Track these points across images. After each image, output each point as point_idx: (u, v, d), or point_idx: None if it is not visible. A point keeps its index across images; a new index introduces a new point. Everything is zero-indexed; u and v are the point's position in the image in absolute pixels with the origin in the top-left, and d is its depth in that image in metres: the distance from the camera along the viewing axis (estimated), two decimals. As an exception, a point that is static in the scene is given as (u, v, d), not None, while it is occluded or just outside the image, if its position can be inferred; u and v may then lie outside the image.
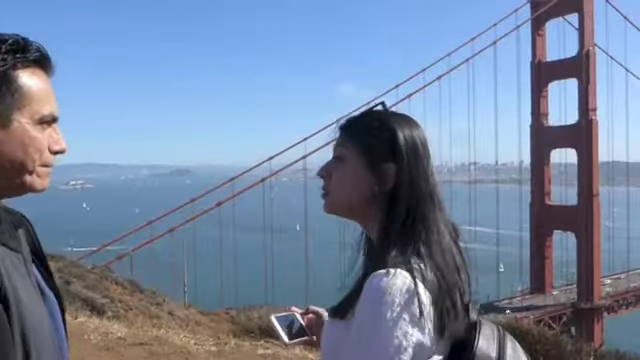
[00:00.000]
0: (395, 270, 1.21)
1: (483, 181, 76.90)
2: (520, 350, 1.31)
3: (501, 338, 1.29)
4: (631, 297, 50.51)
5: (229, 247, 42.23)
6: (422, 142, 1.35)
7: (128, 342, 5.93)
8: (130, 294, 16.67)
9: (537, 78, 51.76)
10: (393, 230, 1.28)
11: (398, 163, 1.31)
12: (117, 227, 56.28)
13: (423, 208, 1.30)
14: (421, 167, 1.33)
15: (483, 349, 1.24)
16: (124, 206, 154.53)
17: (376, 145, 1.34)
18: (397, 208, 1.30)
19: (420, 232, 1.28)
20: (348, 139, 1.38)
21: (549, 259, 51.61)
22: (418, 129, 1.37)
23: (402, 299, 1.18)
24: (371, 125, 1.37)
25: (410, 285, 1.19)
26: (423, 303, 1.19)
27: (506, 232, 54.04)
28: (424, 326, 1.19)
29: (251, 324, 8.65)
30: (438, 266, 1.25)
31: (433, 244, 1.27)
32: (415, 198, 1.30)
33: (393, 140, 1.33)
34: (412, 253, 1.25)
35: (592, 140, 49.57)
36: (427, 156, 1.35)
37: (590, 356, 6.13)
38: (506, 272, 56.33)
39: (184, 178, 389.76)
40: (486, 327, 1.30)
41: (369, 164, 1.33)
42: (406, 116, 1.41)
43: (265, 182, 44.69)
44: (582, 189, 50.06)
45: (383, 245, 1.28)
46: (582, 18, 49.74)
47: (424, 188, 1.31)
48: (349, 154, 1.36)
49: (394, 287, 1.18)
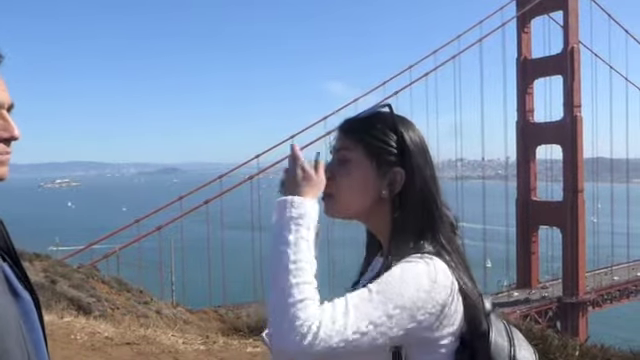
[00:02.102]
0: (429, 256, 1.25)
1: (470, 177, 77.48)
2: (524, 340, 1.34)
3: (508, 328, 1.33)
4: (615, 292, 51.13)
5: (217, 245, 42.12)
6: (425, 144, 1.37)
7: (115, 342, 5.88)
8: (117, 293, 16.57)
9: (523, 75, 52.12)
10: (408, 231, 1.30)
11: (407, 166, 1.32)
12: (104, 226, 55.89)
13: (433, 208, 1.33)
14: (429, 169, 1.34)
15: (497, 338, 1.28)
16: (111, 205, 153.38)
17: (384, 148, 1.32)
18: (409, 211, 1.31)
19: (433, 230, 1.31)
20: (352, 141, 1.35)
21: (535, 254, 52.08)
22: (419, 131, 1.39)
23: (440, 276, 1.22)
24: (377, 127, 1.34)
25: (444, 267, 1.25)
26: (455, 288, 1.25)
27: (493, 228, 54.40)
28: (455, 307, 1.24)
29: (240, 322, 8.62)
30: (455, 260, 1.30)
31: (446, 241, 1.31)
32: (426, 199, 1.32)
33: (401, 143, 1.33)
34: (434, 248, 1.28)
35: (577, 136, 50.05)
36: (431, 158, 1.37)
37: (576, 350, 6.18)
38: (493, 267, 56.74)
39: (171, 176, 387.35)
40: (496, 319, 1.33)
41: (378, 168, 1.32)
42: (406, 118, 1.41)
43: (253, 180, 44.62)
44: (567, 185, 50.56)
45: (400, 244, 1.29)
46: (567, 16, 50.16)
47: (434, 189, 1.34)
48: (355, 157, 1.33)
49: (427, 271, 1.22)
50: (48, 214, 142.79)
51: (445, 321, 1.23)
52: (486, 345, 1.25)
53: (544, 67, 51.59)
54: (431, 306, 1.20)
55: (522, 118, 52.48)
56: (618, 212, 54.46)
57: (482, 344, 1.26)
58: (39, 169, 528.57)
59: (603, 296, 50.36)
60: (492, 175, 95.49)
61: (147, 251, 39.59)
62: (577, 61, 50.41)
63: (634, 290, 52.01)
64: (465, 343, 1.27)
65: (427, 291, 1.20)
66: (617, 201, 54.17)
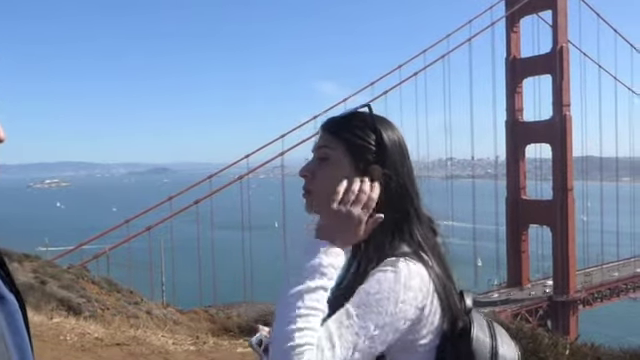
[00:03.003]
0: (404, 259, 1.27)
1: (459, 176, 77.83)
2: (508, 337, 1.37)
3: (490, 324, 1.36)
4: (605, 290, 51.49)
5: (207, 245, 42.01)
6: (404, 144, 1.41)
7: (105, 342, 5.83)
8: (107, 294, 16.47)
9: (512, 74, 52.33)
10: (384, 229, 1.32)
11: (385, 164, 1.34)
12: (93, 226, 55.57)
13: (410, 206, 1.35)
14: (406, 168, 1.37)
15: (479, 334, 1.30)
16: (100, 205, 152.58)
17: (363, 146, 1.35)
18: (385, 209, 1.32)
19: (411, 229, 1.34)
20: (332, 140, 1.38)
21: (525, 253, 52.32)
22: (398, 131, 1.42)
23: (415, 281, 1.24)
24: (357, 126, 1.37)
25: (422, 270, 1.27)
26: (430, 288, 1.27)
27: (483, 227, 54.67)
28: (428, 310, 1.26)
29: (230, 322, 8.59)
30: (433, 259, 1.33)
31: (424, 240, 1.34)
32: (403, 198, 1.35)
33: (379, 142, 1.35)
34: (406, 246, 1.31)
35: (566, 135, 50.35)
36: (409, 157, 1.40)
37: (566, 349, 6.21)
38: (484, 266, 57.02)
39: (162, 176, 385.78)
40: (477, 315, 1.36)
41: (356, 165, 1.35)
42: (386, 118, 1.43)
43: (243, 179, 44.53)
44: (557, 184, 50.84)
45: (374, 241, 1.31)
46: (556, 15, 50.44)
47: (411, 188, 1.37)
48: (335, 155, 1.37)
49: (403, 274, 1.24)
50: (37, 214, 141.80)
51: (424, 322, 1.27)
52: (467, 341, 1.28)
53: (533, 66, 51.85)
54: (411, 313, 1.24)
55: (511, 117, 52.70)
56: (608, 210, 54.86)
57: (463, 340, 1.28)
58: (28, 169, 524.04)
59: (593, 294, 50.71)
60: (482, 174, 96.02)
61: (137, 251, 39.40)
62: (566, 60, 50.70)
63: (624, 288, 52.43)
64: (447, 340, 1.30)
65: (405, 300, 1.22)
66: (607, 199, 54.56)
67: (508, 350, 1.31)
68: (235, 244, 44.27)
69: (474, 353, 1.27)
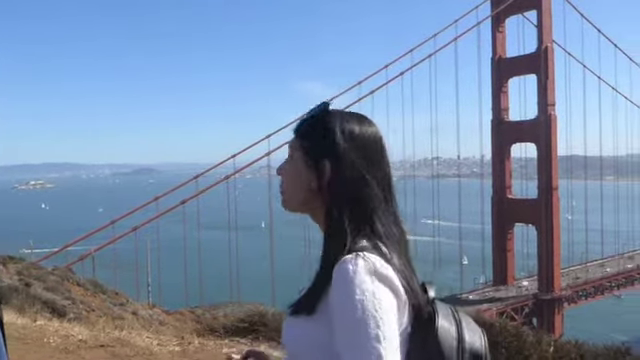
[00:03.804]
0: (362, 254, 1.29)
1: (446, 175, 78.13)
2: (473, 323, 1.41)
3: (455, 313, 1.40)
4: (590, 288, 51.96)
5: (194, 245, 41.79)
6: (367, 138, 1.42)
7: (89, 344, 5.78)
8: (92, 295, 16.30)
9: (497, 74, 52.65)
10: (341, 224, 1.35)
11: (334, 159, 1.38)
12: (79, 227, 55.05)
13: (368, 201, 1.37)
14: (361, 162, 1.38)
15: (444, 323, 1.34)
16: (86, 206, 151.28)
17: (313, 143, 1.43)
18: (339, 203, 1.37)
19: (371, 223, 1.36)
20: (295, 139, 1.48)
21: (511, 252, 52.66)
22: (365, 126, 1.44)
23: (376, 279, 1.26)
24: (311, 125, 1.46)
25: (381, 265, 1.29)
26: (395, 281, 1.29)
27: (469, 225, 54.91)
28: (400, 301, 1.30)
29: (215, 323, 8.55)
30: (394, 253, 1.35)
31: (385, 234, 1.36)
32: (359, 192, 1.37)
33: (329, 138, 1.41)
34: (366, 240, 1.33)
35: (551, 135, 50.74)
36: (373, 151, 1.41)
37: (550, 346, 6.26)
38: (470, 265, 57.31)
39: (147, 177, 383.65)
40: (441, 305, 1.40)
41: (307, 162, 1.43)
42: (356, 114, 1.47)
43: (229, 179, 44.35)
44: (542, 183, 51.22)
45: (333, 237, 1.35)
46: (541, 15, 50.82)
47: (372, 182, 1.38)
48: (295, 154, 1.46)
49: (365, 269, 1.26)
50: (22, 216, 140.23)
51: (399, 309, 1.30)
52: (433, 329, 1.31)
53: (518, 66, 52.21)
54: (394, 305, 1.28)
55: (497, 117, 53.02)
56: (592, 209, 55.38)
57: (429, 329, 1.32)
58: (12, 171, 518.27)
59: (578, 292, 51.15)
60: (468, 173, 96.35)
61: (123, 252, 39.10)
62: (551, 60, 51.10)
63: (609, 286, 52.95)
64: (413, 330, 1.33)
65: (380, 299, 1.25)
66: (591, 198, 55.08)
67: (474, 337, 1.35)
68: (222, 244, 44.07)
69: (440, 342, 1.30)
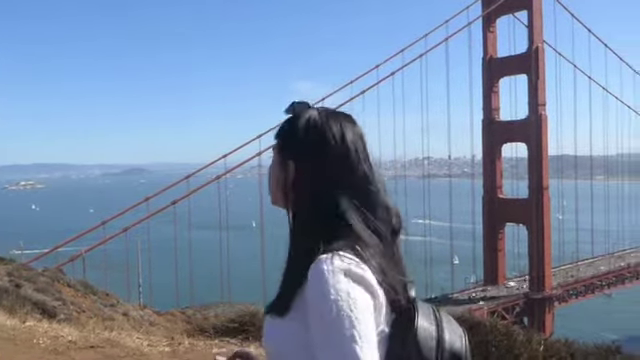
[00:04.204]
0: (338, 253, 1.29)
1: (436, 175, 78.23)
2: (455, 323, 1.40)
3: (436, 313, 1.40)
4: (580, 287, 52.26)
5: (184, 246, 41.64)
6: (340, 137, 1.41)
7: (79, 345, 5.74)
8: (83, 296, 16.20)
9: (488, 74, 52.81)
10: (307, 222, 1.37)
11: (299, 159, 1.41)
12: (70, 228, 54.73)
13: (345, 199, 1.37)
14: (328, 161, 1.39)
15: (424, 322, 1.34)
16: (76, 207, 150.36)
17: (283, 144, 1.48)
18: (299, 201, 1.40)
19: (347, 223, 1.35)
20: (275, 140, 1.54)
21: (502, 251, 52.86)
22: (340, 124, 1.44)
23: (351, 279, 1.26)
24: (285, 124, 1.51)
25: (356, 265, 1.28)
26: (371, 281, 1.28)
27: (460, 225, 55.07)
28: (377, 301, 1.29)
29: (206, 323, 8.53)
30: (373, 252, 1.34)
31: (363, 233, 1.35)
32: (327, 192, 1.38)
33: (295, 137, 1.45)
34: (342, 240, 1.32)
35: (542, 134, 50.96)
36: (347, 149, 1.41)
37: (540, 345, 6.29)
38: (461, 264, 57.47)
39: (138, 177, 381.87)
40: (422, 304, 1.40)
41: (278, 162, 1.48)
42: (334, 113, 1.48)
43: (220, 179, 44.20)
44: (532, 182, 51.44)
45: (301, 236, 1.37)
46: (531, 15, 51.02)
47: (330, 182, 1.38)
48: (275, 155, 1.52)
49: (341, 269, 1.26)
50: (12, 217, 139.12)
51: (375, 308, 1.29)
52: (412, 330, 1.31)
53: (509, 66, 52.39)
54: (370, 305, 1.27)
55: (488, 116, 53.19)
56: (582, 209, 55.68)
57: (408, 329, 1.31)
58: (2, 171, 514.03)
59: (569, 291, 51.42)
60: (459, 173, 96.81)
61: (114, 253, 38.90)
62: (541, 60, 51.31)
63: (599, 285, 53.27)
64: (394, 329, 1.33)
65: (355, 299, 1.24)
66: (581, 198, 55.39)
67: (453, 336, 1.35)
68: (213, 244, 43.93)
69: (419, 342, 1.30)
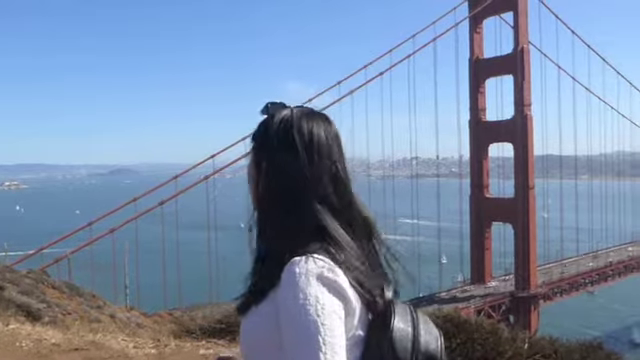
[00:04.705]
0: (311, 256, 1.29)
1: (425, 175, 78.67)
2: (432, 324, 1.40)
3: (413, 314, 1.39)
4: (565, 285, 52.80)
5: (172, 247, 41.43)
6: (310, 138, 1.40)
7: (62, 348, 5.69)
8: (68, 298, 16.05)
9: (475, 74, 53.18)
10: (275, 224, 1.37)
11: (270, 160, 1.41)
12: (55, 229, 54.21)
13: (303, 201, 1.36)
14: (300, 162, 1.38)
15: (400, 324, 1.34)
16: (62, 207, 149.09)
17: (257, 146, 1.48)
18: (273, 204, 1.39)
19: (320, 224, 1.35)
20: (251, 141, 1.53)
21: (488, 250, 53.26)
22: (311, 125, 1.42)
23: (321, 283, 1.26)
24: (257, 128, 1.50)
25: (328, 268, 1.28)
26: (342, 284, 1.28)
27: (447, 224, 55.35)
28: (349, 305, 1.29)
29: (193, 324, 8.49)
30: (341, 252, 1.33)
31: (337, 235, 1.34)
32: (301, 192, 1.37)
33: (266, 140, 1.46)
34: (314, 242, 1.32)
35: (527, 134, 51.43)
36: (316, 150, 1.39)
37: (525, 343, 6.35)
38: (448, 263, 57.82)
39: (125, 177, 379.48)
40: (399, 306, 1.39)
41: (253, 163, 1.48)
42: (308, 114, 1.46)
43: (208, 180, 44.06)
44: (518, 182, 51.88)
45: (278, 237, 1.36)
46: (517, 16, 51.47)
47: (298, 181, 1.37)
48: (250, 156, 1.51)
49: (312, 272, 1.26)
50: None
51: (348, 312, 1.29)
52: (388, 332, 1.31)
53: (495, 67, 52.78)
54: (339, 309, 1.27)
55: (475, 117, 53.56)
56: (567, 207, 56.28)
57: (384, 331, 1.31)
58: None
59: (554, 289, 51.92)
60: (446, 173, 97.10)
61: (100, 254, 38.58)
62: (527, 61, 51.77)
63: (583, 283, 53.86)
64: (370, 331, 1.33)
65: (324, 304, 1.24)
66: (566, 197, 55.96)
67: (429, 338, 1.35)
68: (201, 245, 43.76)
69: (395, 343, 1.30)
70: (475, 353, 6.00)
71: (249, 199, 1.50)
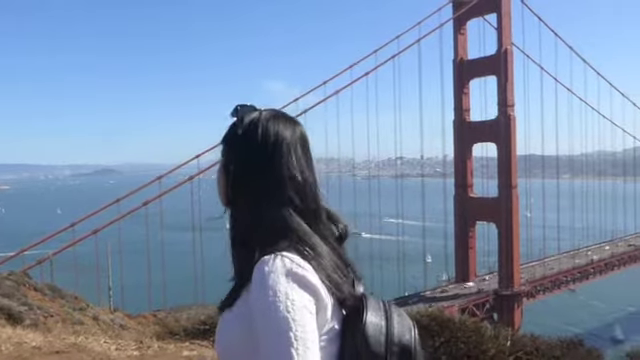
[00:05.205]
0: (280, 254, 1.31)
1: (409, 175, 78.97)
2: (405, 316, 1.43)
3: (387, 308, 1.41)
4: (547, 283, 53.34)
5: (157, 247, 41.11)
6: (276, 140, 1.41)
7: (44, 351, 5.62)
8: (51, 300, 15.89)
9: (459, 75, 53.48)
10: (250, 223, 1.39)
11: (238, 162, 1.43)
12: (37, 230, 53.55)
13: (272, 202, 1.38)
14: (267, 164, 1.40)
15: (373, 318, 1.36)
16: (44, 208, 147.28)
17: (226, 148, 1.48)
18: (240, 202, 1.42)
19: (286, 224, 1.37)
20: (221, 143, 1.52)
21: (473, 249, 53.60)
22: (279, 128, 1.43)
23: (291, 279, 1.28)
24: (227, 131, 1.50)
25: (297, 265, 1.30)
26: (312, 280, 1.30)
27: (432, 224, 55.61)
28: (320, 300, 1.31)
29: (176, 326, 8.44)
30: (309, 250, 1.35)
31: (304, 234, 1.36)
32: (259, 192, 1.39)
33: (233, 142, 1.46)
34: (284, 241, 1.34)
35: (510, 135, 51.82)
36: (285, 151, 1.41)
37: (507, 340, 6.40)
38: (433, 263, 58.11)
39: (108, 178, 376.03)
40: (372, 300, 1.42)
41: (222, 165, 1.48)
42: (276, 116, 1.47)
43: (193, 180, 43.79)
44: (502, 181, 52.28)
45: (248, 237, 1.38)
46: (500, 18, 51.84)
47: (265, 183, 1.39)
48: (220, 159, 1.49)
49: (281, 270, 1.28)
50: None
51: (320, 307, 1.31)
52: (361, 325, 1.33)
53: (479, 68, 53.12)
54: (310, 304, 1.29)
55: (459, 117, 53.88)
56: (549, 206, 56.83)
57: (357, 325, 1.33)
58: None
59: (536, 287, 52.42)
60: (431, 173, 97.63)
61: (83, 256, 38.14)
62: (510, 62, 52.16)
63: (564, 280, 54.45)
64: (344, 326, 1.36)
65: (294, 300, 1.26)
66: (548, 196, 56.51)
67: (402, 329, 1.37)
68: (185, 246, 43.49)
69: (368, 336, 1.31)
70: (459, 351, 6.05)
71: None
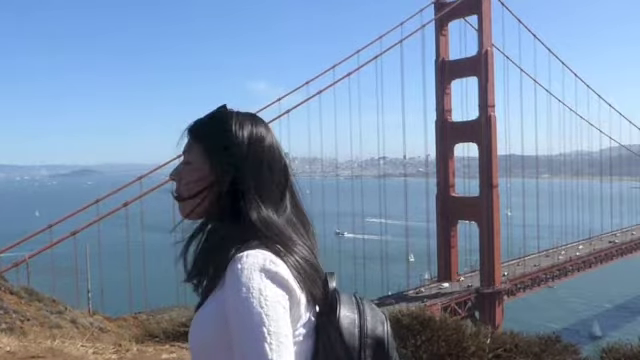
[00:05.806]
0: (253, 251, 1.31)
1: (392, 175, 79.42)
2: (377, 310, 1.45)
3: (359, 302, 1.43)
4: (528, 280, 54.02)
5: (137, 249, 40.70)
6: (243, 140, 1.42)
7: (18, 356, 5.50)
8: (27, 304, 15.66)
9: (441, 76, 53.91)
10: (222, 221, 1.40)
11: (213, 162, 1.42)
12: (13, 232, 52.72)
13: (244, 198, 1.39)
14: (239, 163, 1.40)
15: (346, 312, 1.38)
16: (20, 209, 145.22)
17: (218, 148, 1.43)
18: (211, 201, 1.42)
19: (265, 222, 1.37)
20: (193, 143, 1.47)
21: (455, 248, 54.09)
22: (250, 128, 1.43)
23: (264, 276, 1.28)
24: (197, 130, 1.48)
25: (270, 262, 1.30)
26: (285, 277, 1.31)
27: (415, 223, 55.93)
28: (293, 295, 1.31)
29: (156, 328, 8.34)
30: (281, 247, 1.35)
31: (278, 230, 1.37)
32: (230, 190, 1.40)
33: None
34: (257, 238, 1.35)
35: (491, 135, 52.41)
36: (258, 152, 1.42)
37: (487, 338, 6.44)
38: (416, 262, 58.48)
39: (87, 178, 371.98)
40: (344, 295, 1.44)
41: (212, 167, 1.44)
42: (244, 117, 1.46)
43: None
44: (483, 181, 52.85)
45: (220, 236, 1.39)
46: (481, 20, 52.40)
47: (236, 182, 1.40)
48: (195, 158, 1.46)
49: (255, 266, 1.28)
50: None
51: (293, 303, 1.32)
52: (335, 319, 1.35)
53: (461, 68, 53.63)
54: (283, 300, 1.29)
55: (440, 117, 54.34)
56: (529, 205, 57.56)
57: (331, 319, 1.35)
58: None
59: (517, 285, 53.07)
60: (413, 172, 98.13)
61: (61, 258, 37.61)
62: (491, 63, 52.75)
63: (544, 278, 55.20)
64: (319, 321, 1.37)
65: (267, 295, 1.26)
66: (528, 195, 57.21)
67: (375, 322, 1.39)
68: (167, 247, 43.00)
69: (342, 330, 1.34)
70: (440, 349, 6.07)
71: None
